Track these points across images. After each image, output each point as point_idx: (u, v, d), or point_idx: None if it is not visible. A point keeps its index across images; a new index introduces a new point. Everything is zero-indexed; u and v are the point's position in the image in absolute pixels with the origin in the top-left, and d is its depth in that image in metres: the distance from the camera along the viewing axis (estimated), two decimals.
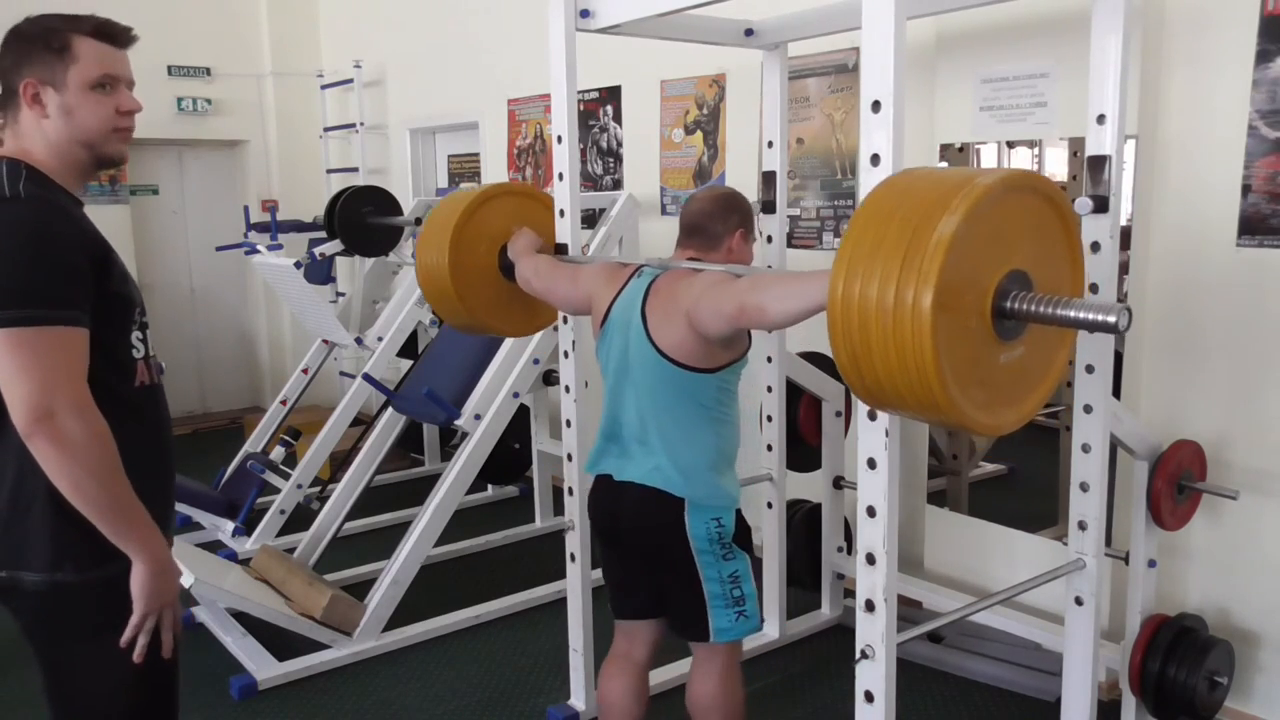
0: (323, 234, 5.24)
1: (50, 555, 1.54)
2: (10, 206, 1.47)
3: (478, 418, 3.64)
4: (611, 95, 4.77)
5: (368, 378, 4.41)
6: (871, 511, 1.86)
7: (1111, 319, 1.43)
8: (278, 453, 4.50)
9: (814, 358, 3.40)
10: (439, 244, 2.64)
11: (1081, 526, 2.36)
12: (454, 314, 2.75)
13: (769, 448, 3.33)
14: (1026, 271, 1.52)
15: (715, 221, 2.25)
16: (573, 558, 2.86)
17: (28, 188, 1.50)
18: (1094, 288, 2.24)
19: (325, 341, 5.04)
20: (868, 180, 1.77)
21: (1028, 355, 1.59)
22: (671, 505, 2.14)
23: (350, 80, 6.35)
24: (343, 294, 6.00)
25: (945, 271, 1.36)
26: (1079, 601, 2.39)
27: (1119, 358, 2.38)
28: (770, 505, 3.35)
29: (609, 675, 2.41)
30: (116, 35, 1.61)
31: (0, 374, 1.42)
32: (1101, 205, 2.21)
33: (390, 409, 4.26)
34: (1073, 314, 1.45)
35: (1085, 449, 2.32)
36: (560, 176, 2.67)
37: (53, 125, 1.55)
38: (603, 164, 4.88)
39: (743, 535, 2.23)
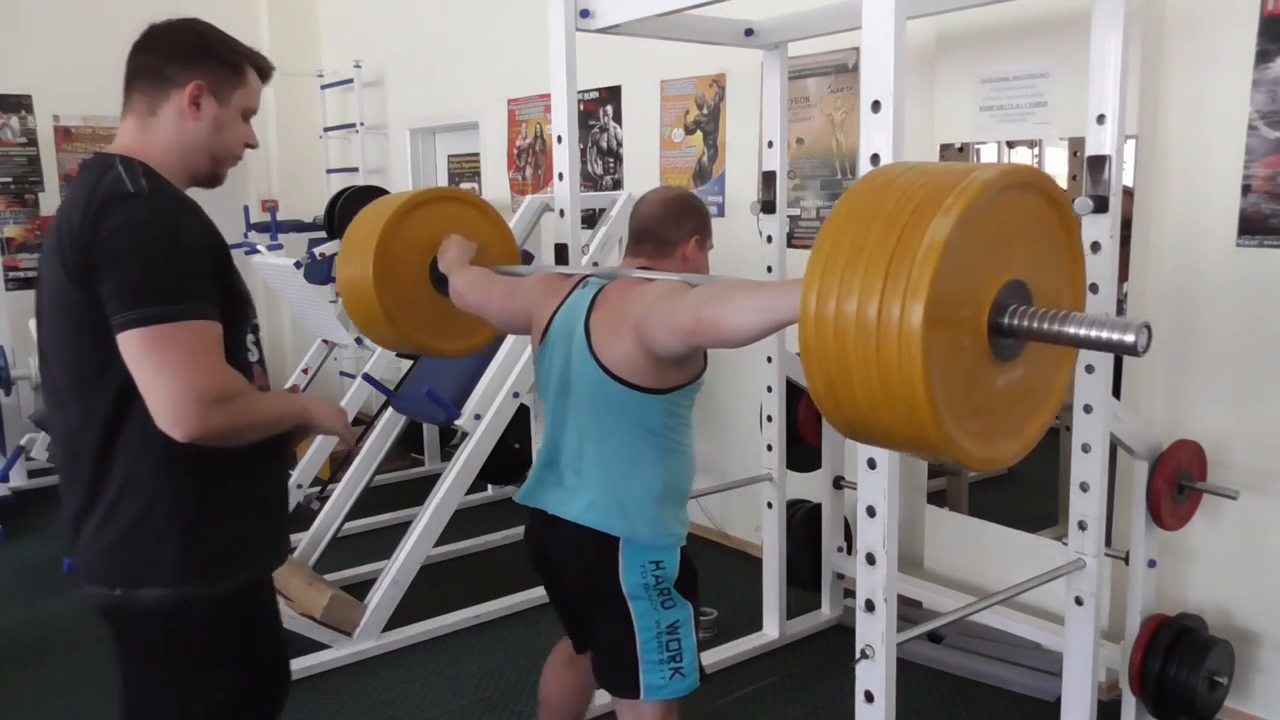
0: (323, 234, 5.24)
1: (179, 567, 1.50)
2: (136, 201, 1.45)
3: (478, 418, 3.64)
4: (611, 95, 4.77)
5: (368, 378, 4.41)
6: (871, 511, 1.87)
7: (1130, 339, 1.21)
8: None
9: None
10: (362, 257, 2.33)
11: (1081, 526, 2.36)
12: (382, 335, 2.45)
13: (769, 448, 3.33)
14: (1025, 281, 1.32)
15: (668, 227, 2.05)
16: None
17: (150, 183, 1.49)
18: (1094, 288, 2.24)
19: (325, 341, 5.04)
20: None
21: (1027, 377, 1.38)
22: (606, 546, 1.91)
23: (350, 80, 6.34)
24: None
25: (938, 282, 1.16)
26: (1079, 601, 2.39)
27: (1119, 358, 2.38)
28: (770, 505, 3.35)
29: (551, 669, 2.30)
30: (269, 77, 1.73)
31: (138, 374, 1.39)
32: (1101, 205, 2.21)
33: (390, 409, 4.26)
34: (1085, 332, 1.24)
35: (1085, 449, 2.32)
36: (560, 176, 2.67)
37: (197, 130, 1.57)
38: (603, 164, 4.88)
39: (687, 580, 2.02)
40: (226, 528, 1.54)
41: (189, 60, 1.56)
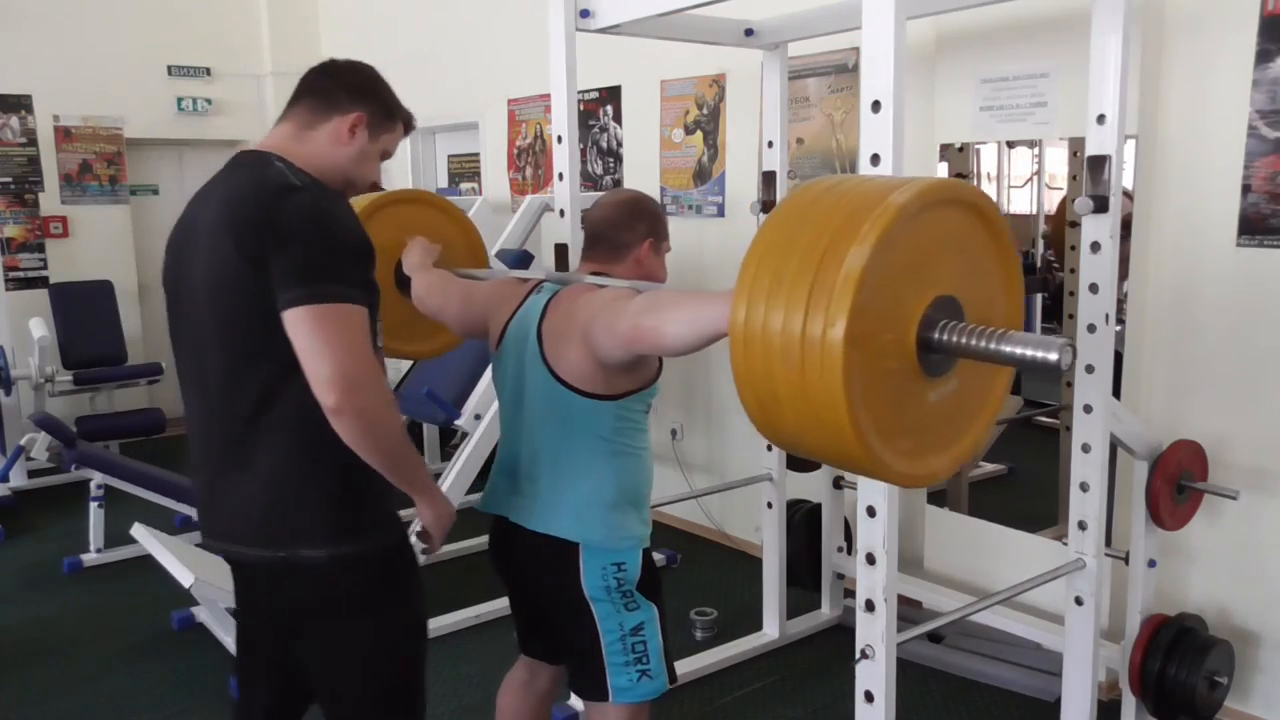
0: None
1: (334, 530, 1.63)
2: (303, 194, 1.58)
3: (478, 418, 3.64)
4: (611, 95, 4.77)
5: None
6: (871, 511, 1.87)
7: (1052, 356, 1.22)
8: None
9: None
10: None
11: (1081, 526, 2.36)
12: None
13: (769, 448, 3.33)
14: (955, 295, 1.31)
15: (619, 230, 2.00)
16: None
17: (310, 179, 1.63)
18: (1094, 288, 2.24)
19: None
20: None
21: (962, 388, 1.37)
22: (565, 552, 1.90)
23: None
24: None
25: (856, 312, 1.16)
26: (1079, 601, 2.39)
27: (1119, 358, 2.38)
28: (770, 505, 3.35)
29: (505, 697, 2.24)
30: (410, 132, 1.92)
31: (304, 347, 1.50)
32: (1101, 205, 2.21)
33: None
34: (1008, 349, 1.24)
35: (1085, 449, 2.32)
36: (560, 176, 2.67)
37: (345, 153, 1.74)
38: (603, 164, 4.88)
39: (649, 582, 1.98)
40: (370, 492, 1.66)
41: (359, 94, 1.76)
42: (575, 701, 2.94)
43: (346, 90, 1.75)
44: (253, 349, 1.58)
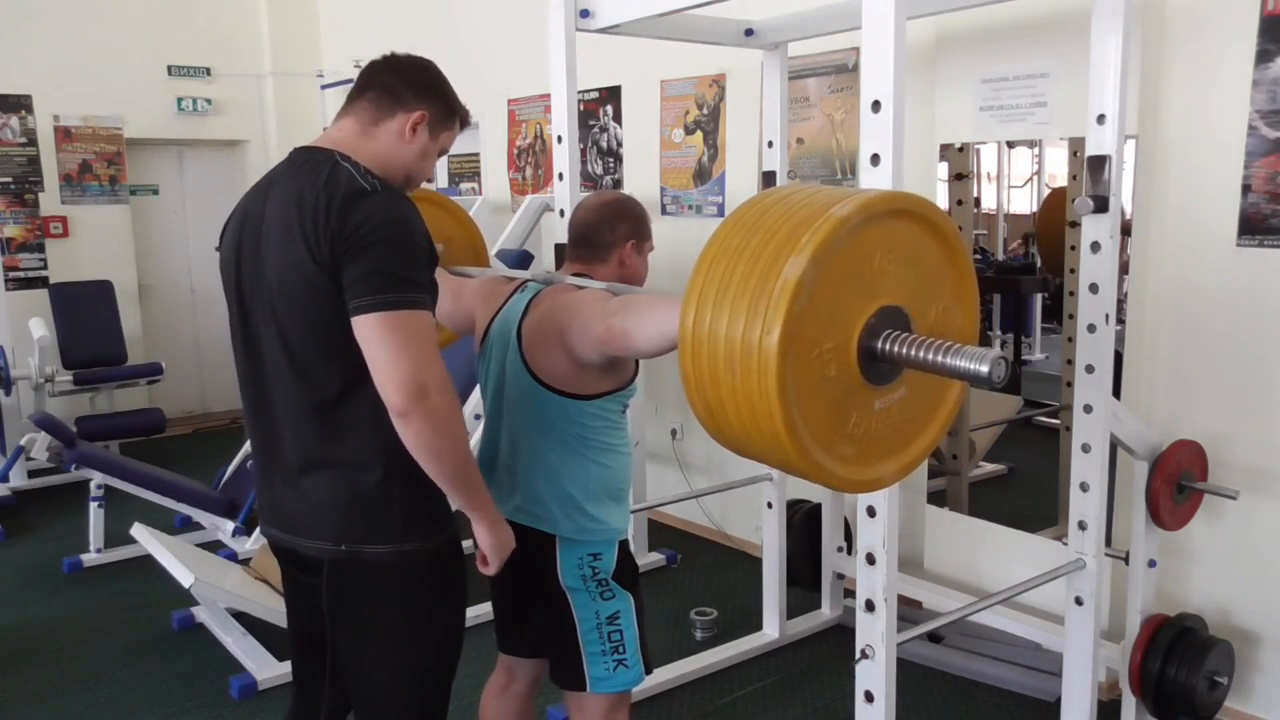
0: None
1: (401, 527, 1.66)
2: (375, 198, 1.58)
3: (478, 418, 3.64)
4: (611, 95, 4.77)
5: None
6: (871, 511, 1.87)
7: (983, 369, 1.22)
8: None
9: None
10: None
11: (1081, 526, 2.37)
12: None
13: None
14: (902, 306, 1.32)
15: (602, 231, 2.03)
16: None
17: (379, 182, 1.62)
18: (1094, 288, 2.24)
19: None
20: (868, 180, 1.77)
21: (911, 397, 1.38)
22: (541, 543, 1.93)
23: (350, 80, 6.33)
24: None
25: (791, 320, 1.18)
26: (1079, 601, 2.39)
27: (1119, 358, 2.38)
28: (770, 505, 3.35)
29: (487, 701, 2.27)
30: (465, 128, 1.94)
31: (375, 353, 1.52)
32: (1101, 205, 2.21)
33: None
34: (942, 360, 1.25)
35: (1085, 449, 2.32)
36: (560, 176, 2.67)
37: (407, 150, 1.75)
38: (603, 164, 4.88)
39: (625, 572, 2.01)
40: (436, 492, 1.67)
41: (422, 92, 1.76)
42: None
43: (411, 87, 1.75)
44: (329, 347, 1.60)
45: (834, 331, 1.27)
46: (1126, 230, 2.79)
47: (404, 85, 1.75)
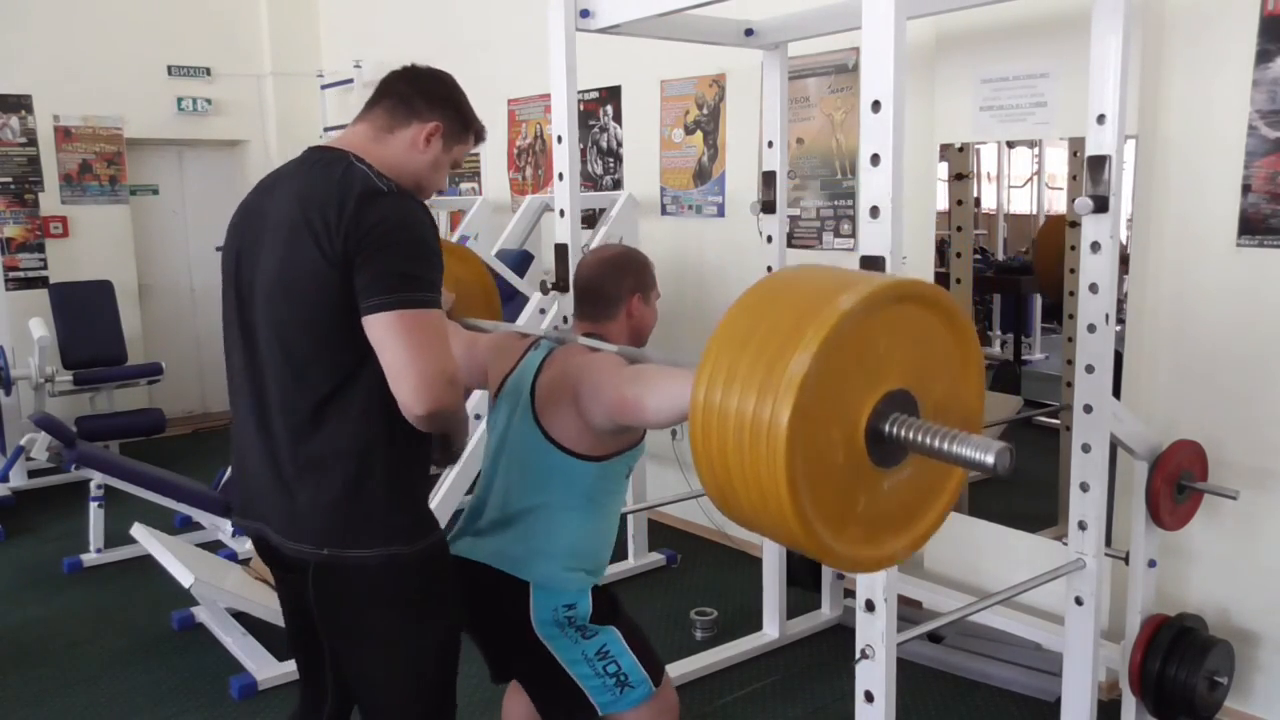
0: None
1: (384, 531, 1.66)
2: (390, 199, 1.60)
3: (478, 418, 3.64)
4: (611, 95, 4.77)
5: None
6: None
7: (989, 460, 1.23)
8: None
9: None
10: None
11: (1081, 526, 2.36)
12: None
13: None
14: (909, 389, 1.33)
15: (607, 288, 2.06)
16: None
17: (392, 184, 1.64)
18: (1094, 288, 2.24)
19: None
20: (868, 180, 1.78)
21: (918, 473, 1.38)
22: (516, 590, 1.92)
23: (350, 80, 6.35)
24: None
25: (798, 415, 1.19)
26: (1079, 601, 2.39)
27: (1119, 358, 2.38)
28: None
29: (510, 703, 2.26)
30: (480, 143, 1.93)
31: (393, 353, 1.54)
32: (1101, 205, 2.21)
33: None
34: (950, 448, 1.26)
35: (1085, 449, 2.32)
36: (560, 176, 2.67)
37: (419, 160, 1.77)
38: (603, 164, 4.88)
39: (603, 611, 1.98)
40: (419, 494, 1.72)
41: (438, 102, 1.78)
42: None
43: (426, 98, 1.77)
44: (326, 345, 1.60)
45: (841, 419, 1.28)
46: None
47: (420, 95, 1.77)
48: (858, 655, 1.95)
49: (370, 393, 1.59)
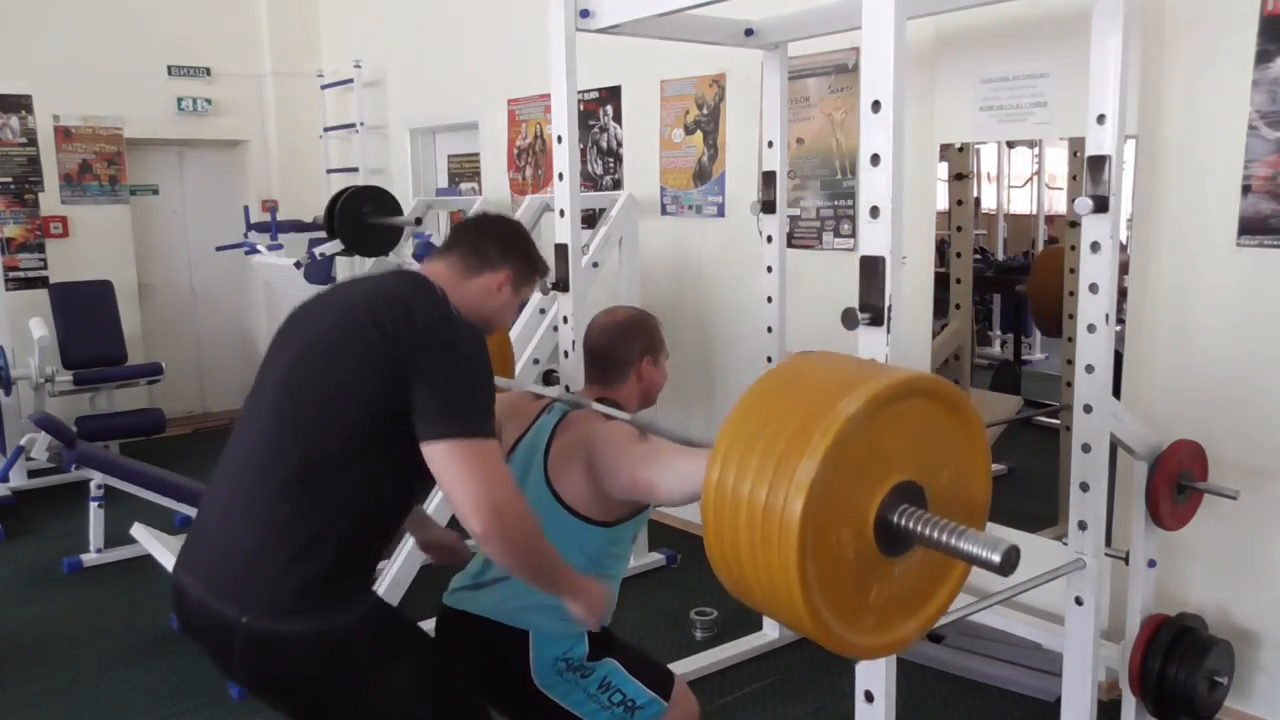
0: (323, 234, 5.23)
1: (319, 601, 1.64)
2: (465, 331, 1.72)
3: None
4: (611, 95, 4.77)
5: None
6: None
7: (995, 559, 1.24)
8: None
9: None
10: None
11: (1081, 526, 2.36)
12: None
13: None
14: (915, 480, 1.34)
15: (617, 352, 2.12)
16: None
17: (463, 319, 1.75)
18: (1094, 288, 2.24)
19: None
20: (868, 180, 1.78)
21: (927, 554, 1.38)
22: (515, 641, 1.94)
23: (350, 80, 6.35)
24: None
25: (806, 523, 1.22)
26: (1079, 601, 2.39)
27: (1119, 358, 2.38)
28: None
29: None
30: (544, 279, 2.08)
31: (453, 481, 1.60)
32: (1101, 205, 2.21)
33: None
34: (956, 543, 1.27)
35: (1085, 449, 2.32)
36: (560, 176, 2.67)
37: (492, 304, 1.90)
38: (603, 164, 4.88)
39: (599, 648, 2.00)
40: (367, 566, 1.75)
41: (509, 252, 1.92)
42: None
43: (499, 247, 1.91)
44: (361, 437, 1.65)
45: (850, 518, 1.29)
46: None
47: (493, 245, 1.91)
48: None
49: (368, 483, 1.65)
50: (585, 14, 2.58)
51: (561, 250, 2.67)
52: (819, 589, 1.26)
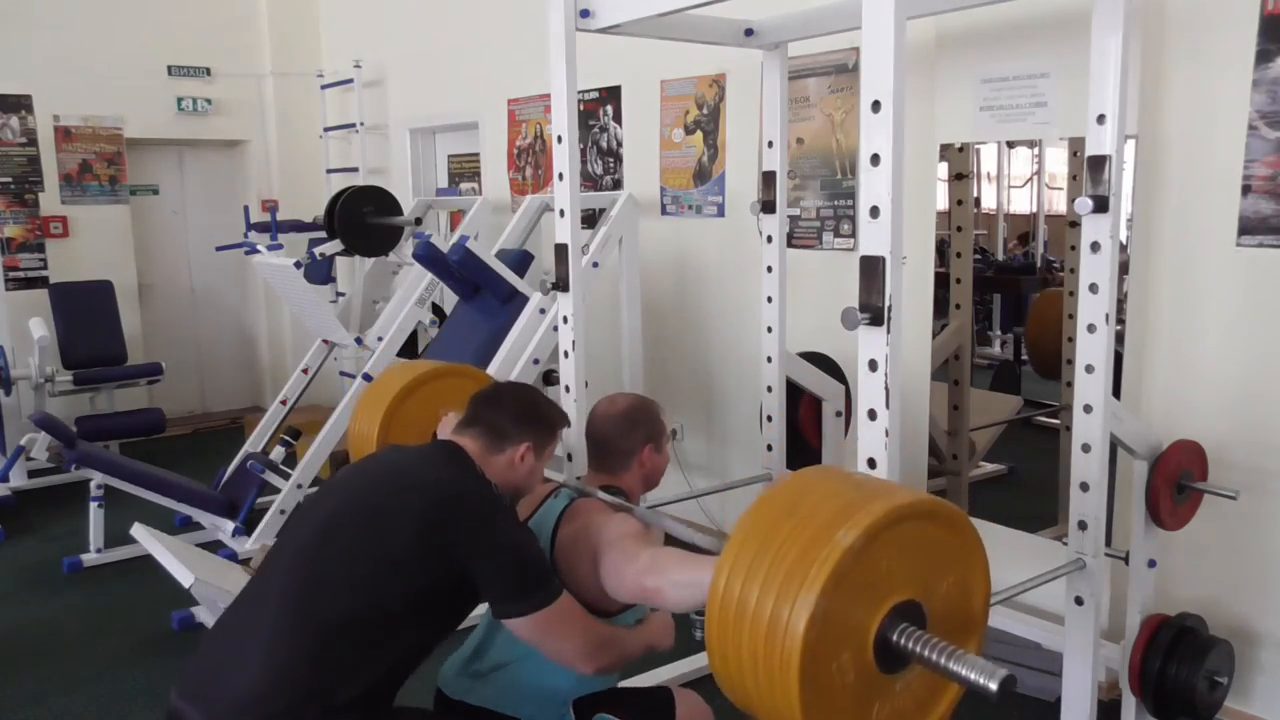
0: (323, 234, 5.24)
1: None
2: (507, 509, 1.85)
3: None
4: (611, 95, 4.77)
5: (368, 377, 4.41)
6: None
7: (992, 686, 1.25)
8: (278, 453, 4.50)
9: (814, 358, 3.40)
10: (370, 419, 2.57)
11: (1081, 526, 2.36)
12: None
13: (769, 448, 3.33)
14: (916, 598, 1.36)
15: (620, 441, 2.17)
16: None
17: (501, 494, 1.88)
18: (1094, 288, 2.24)
19: (325, 341, 5.04)
20: (868, 180, 1.77)
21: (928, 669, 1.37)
22: None
23: (350, 80, 6.35)
24: (343, 294, 6.00)
25: (807, 653, 1.24)
26: (1079, 601, 2.39)
27: (1119, 358, 2.38)
28: None
29: None
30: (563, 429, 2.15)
31: (546, 646, 1.81)
32: (1101, 205, 2.21)
33: None
34: (953, 668, 1.28)
35: (1085, 449, 2.31)
36: (560, 176, 2.67)
37: (517, 474, 2.00)
38: (603, 164, 4.88)
39: (584, 711, 2.03)
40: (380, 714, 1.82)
41: (525, 424, 2.01)
42: None
43: (514, 422, 2.01)
44: (392, 616, 1.73)
45: (850, 641, 1.31)
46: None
47: (509, 421, 2.00)
48: None
49: (385, 645, 1.72)
50: (585, 14, 2.57)
51: (561, 250, 2.67)
52: (821, 716, 1.28)
